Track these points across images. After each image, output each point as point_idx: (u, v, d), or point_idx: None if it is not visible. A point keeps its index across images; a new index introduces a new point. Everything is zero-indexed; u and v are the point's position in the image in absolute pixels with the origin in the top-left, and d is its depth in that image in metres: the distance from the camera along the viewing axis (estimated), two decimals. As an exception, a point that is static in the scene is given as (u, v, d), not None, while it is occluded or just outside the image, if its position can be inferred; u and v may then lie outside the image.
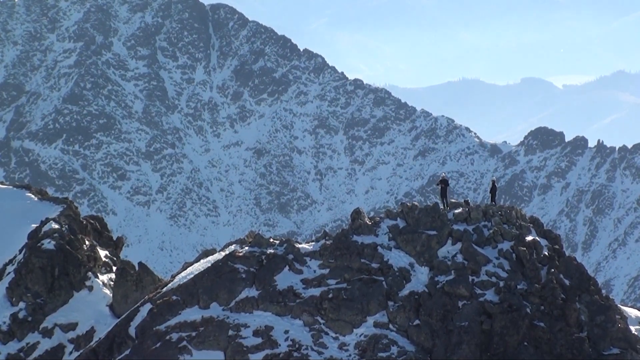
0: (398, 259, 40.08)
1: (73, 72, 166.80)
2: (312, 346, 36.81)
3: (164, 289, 41.53)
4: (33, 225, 47.56)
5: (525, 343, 37.23)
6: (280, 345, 36.67)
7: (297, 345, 36.66)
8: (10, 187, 57.53)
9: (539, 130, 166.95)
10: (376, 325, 37.55)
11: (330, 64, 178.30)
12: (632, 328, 39.79)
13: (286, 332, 37.43)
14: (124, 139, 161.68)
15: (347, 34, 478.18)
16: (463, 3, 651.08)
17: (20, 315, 44.10)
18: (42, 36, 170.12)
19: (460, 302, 38.20)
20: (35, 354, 42.35)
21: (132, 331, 39.60)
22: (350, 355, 36.58)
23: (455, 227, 41.06)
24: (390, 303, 38.43)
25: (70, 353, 42.20)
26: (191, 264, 43.88)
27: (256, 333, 37.19)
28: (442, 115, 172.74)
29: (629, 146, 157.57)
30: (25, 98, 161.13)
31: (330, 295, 38.60)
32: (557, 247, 42.78)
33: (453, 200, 45.37)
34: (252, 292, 39.07)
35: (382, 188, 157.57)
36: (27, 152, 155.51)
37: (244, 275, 39.64)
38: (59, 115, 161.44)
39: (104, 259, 48.66)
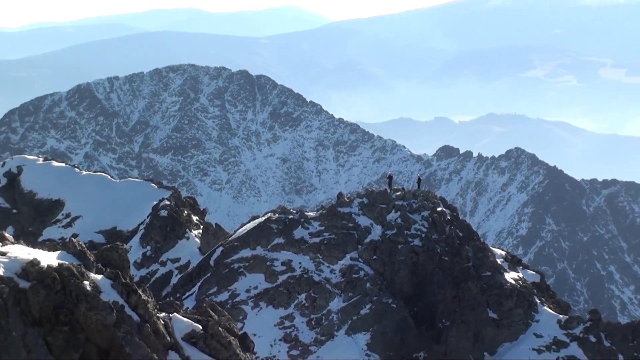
0: (364, 221, 45.96)
1: (177, 114, 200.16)
2: (314, 271, 43.04)
3: (230, 238, 46.66)
4: (154, 202, 53.45)
5: (437, 269, 43.67)
6: (296, 270, 42.99)
7: (305, 270, 42.98)
8: (142, 180, 64.13)
9: (444, 147, 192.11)
10: (351, 259, 43.74)
11: (324, 109, 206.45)
12: (498, 260, 46.56)
13: (299, 263, 43.48)
14: (206, 153, 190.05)
15: (334, 92, 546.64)
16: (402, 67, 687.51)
17: (147, 253, 50.15)
18: (159, 93, 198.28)
19: (399, 246, 44.02)
20: (156, 276, 48.58)
21: (211, 263, 44.68)
22: (336, 276, 42.95)
23: (396, 202, 46.84)
24: (359, 246, 44.40)
25: (176, 275, 48.01)
26: (245, 224, 48.61)
27: (282, 264, 43.43)
28: (389, 139, 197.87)
29: (496, 156, 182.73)
30: (150, 129, 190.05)
31: (325, 242, 44.41)
32: (455, 214, 48.93)
33: (395, 187, 50.85)
34: (279, 240, 44.75)
35: (354, 181, 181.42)
36: (151, 160, 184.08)
37: (275, 231, 45.25)
38: (169, 139, 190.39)
39: (195, 221, 54.17)
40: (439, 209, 46.85)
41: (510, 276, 45.48)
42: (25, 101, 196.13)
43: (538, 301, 44.80)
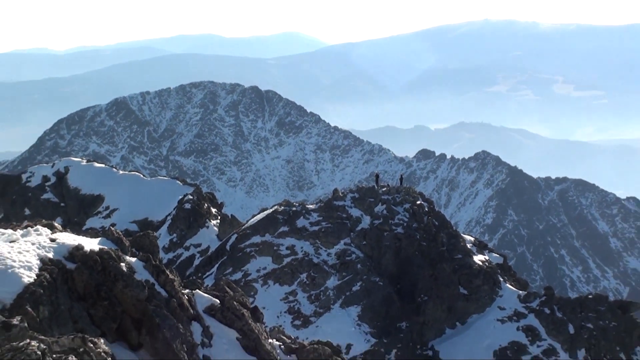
0: (355, 212, 45.47)
1: (199, 123, 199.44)
2: (314, 254, 42.60)
3: (243, 227, 46.29)
4: (179, 196, 52.64)
5: (416, 253, 43.41)
6: (298, 254, 42.58)
7: (306, 254, 42.65)
8: (169, 179, 62.71)
9: (422, 151, 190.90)
10: (345, 244, 43.40)
11: (322, 119, 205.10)
12: (468, 245, 46.29)
13: (301, 248, 43.02)
14: (223, 155, 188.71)
15: (330, 104, 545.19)
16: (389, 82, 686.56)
17: (174, 239, 49.28)
18: (183, 105, 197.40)
19: (385, 233, 43.63)
20: (181, 259, 47.65)
21: (227, 247, 44.11)
22: (332, 258, 42.60)
23: (382, 197, 46.54)
24: (352, 234, 44.06)
25: (197, 258, 47.04)
26: (255, 215, 48.75)
27: (286, 248, 42.92)
28: (376, 143, 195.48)
29: (466, 158, 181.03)
30: (175, 135, 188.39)
31: (323, 230, 43.98)
32: (431, 206, 48.13)
33: (381, 184, 50.92)
34: (284, 228, 44.24)
35: (347, 179, 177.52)
36: (177, 161, 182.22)
37: (281, 220, 44.80)
38: (191, 143, 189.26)
39: (214, 213, 53.00)
40: (418, 202, 46.49)
41: (478, 258, 45.43)
42: (71, 112, 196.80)
43: (501, 279, 44.93)
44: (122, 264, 16.43)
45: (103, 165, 62.42)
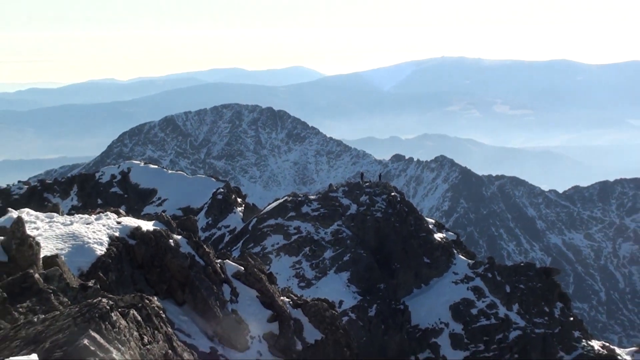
0: (345, 201, 44.30)
1: (228, 135, 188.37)
2: (314, 233, 41.45)
3: (261, 213, 45.28)
4: (214, 189, 51.15)
5: (391, 232, 42.51)
6: (302, 232, 41.47)
7: (309, 233, 41.47)
8: (206, 177, 60.67)
9: (396, 155, 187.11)
10: (337, 225, 42.17)
11: (320, 132, 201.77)
12: (430, 226, 45.60)
13: (305, 228, 41.72)
14: (246, 159, 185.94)
15: (326, 121, 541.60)
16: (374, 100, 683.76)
17: (209, 222, 47.55)
18: (217, 121, 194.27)
19: (368, 217, 42.54)
20: (215, 236, 45.70)
21: (249, 228, 43.25)
22: (328, 236, 41.48)
23: (366, 190, 45.56)
24: (343, 217, 42.98)
25: (227, 236, 45.30)
26: (270, 204, 47.24)
27: (293, 228, 41.73)
28: (361, 150, 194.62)
29: (428, 160, 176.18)
30: (210, 144, 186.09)
31: (321, 215, 42.99)
32: (402, 197, 46.72)
33: (365, 181, 48.92)
34: (292, 213, 43.14)
35: (339, 176, 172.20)
36: (211, 164, 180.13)
37: (289, 207, 43.74)
38: (222, 150, 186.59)
39: (239, 202, 50.78)
40: (392, 194, 46.03)
41: (438, 236, 45.20)
42: (132, 127, 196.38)
43: (455, 252, 44.80)
44: (170, 240, 16.64)
45: (156, 167, 62.07)
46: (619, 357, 36.75)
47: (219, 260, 18.39)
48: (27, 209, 15.50)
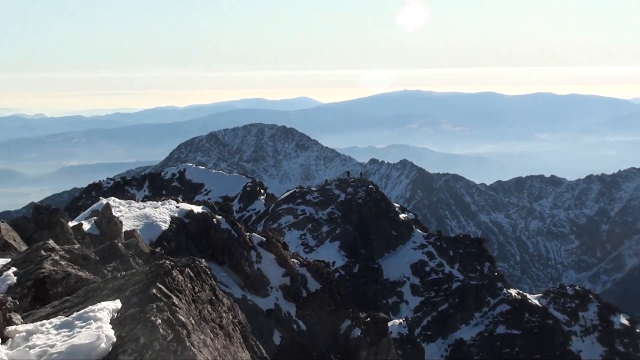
0: (337, 192, 42.56)
1: (254, 145, 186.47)
2: (315, 214, 39.68)
3: (277, 200, 43.48)
4: (244, 184, 48.57)
5: (369, 213, 40.63)
6: (307, 214, 38.93)
7: (310, 213, 39.66)
8: (238, 175, 59.87)
9: (372, 159, 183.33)
10: (331, 209, 40.37)
11: (319, 143, 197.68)
12: (396, 209, 43.44)
13: (308, 210, 39.99)
14: (266, 162, 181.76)
15: (324, 136, 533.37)
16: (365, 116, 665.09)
17: (241, 206, 44.12)
18: (246, 136, 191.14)
19: (352, 203, 40.81)
20: (245, 217, 42.14)
21: (269, 211, 40.89)
22: (325, 216, 39.60)
23: (352, 183, 43.80)
24: (335, 203, 41.01)
25: (253, 216, 42.73)
26: (284, 194, 45.63)
27: (300, 211, 39.73)
28: (348, 155, 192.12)
29: (395, 162, 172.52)
30: (242, 152, 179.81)
31: (320, 201, 41.26)
32: (377, 189, 45.32)
33: (350, 177, 47.27)
34: (299, 200, 41.21)
35: (333, 175, 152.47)
36: (242, 166, 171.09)
37: (297, 196, 41.94)
38: (250, 156, 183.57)
39: (262, 192, 48.05)
40: (370, 186, 45.10)
41: (402, 216, 44.12)
42: (186, 140, 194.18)
43: (414, 227, 43.82)
44: (214, 219, 16.56)
45: (203, 168, 61.10)
46: (529, 300, 36.93)
47: (248, 233, 18.25)
48: (113, 198, 15.53)
